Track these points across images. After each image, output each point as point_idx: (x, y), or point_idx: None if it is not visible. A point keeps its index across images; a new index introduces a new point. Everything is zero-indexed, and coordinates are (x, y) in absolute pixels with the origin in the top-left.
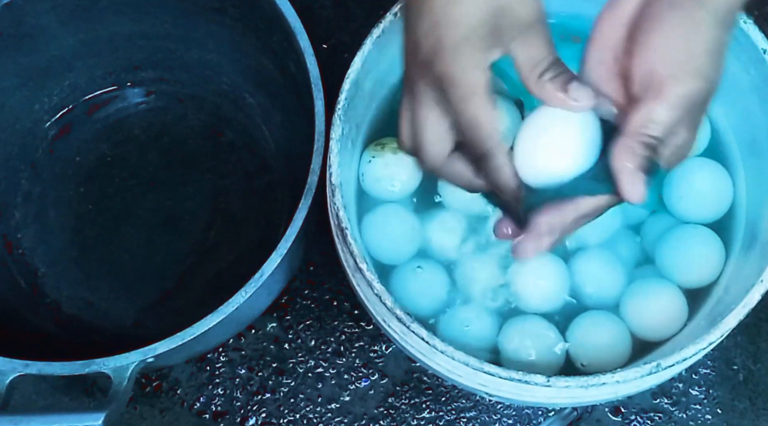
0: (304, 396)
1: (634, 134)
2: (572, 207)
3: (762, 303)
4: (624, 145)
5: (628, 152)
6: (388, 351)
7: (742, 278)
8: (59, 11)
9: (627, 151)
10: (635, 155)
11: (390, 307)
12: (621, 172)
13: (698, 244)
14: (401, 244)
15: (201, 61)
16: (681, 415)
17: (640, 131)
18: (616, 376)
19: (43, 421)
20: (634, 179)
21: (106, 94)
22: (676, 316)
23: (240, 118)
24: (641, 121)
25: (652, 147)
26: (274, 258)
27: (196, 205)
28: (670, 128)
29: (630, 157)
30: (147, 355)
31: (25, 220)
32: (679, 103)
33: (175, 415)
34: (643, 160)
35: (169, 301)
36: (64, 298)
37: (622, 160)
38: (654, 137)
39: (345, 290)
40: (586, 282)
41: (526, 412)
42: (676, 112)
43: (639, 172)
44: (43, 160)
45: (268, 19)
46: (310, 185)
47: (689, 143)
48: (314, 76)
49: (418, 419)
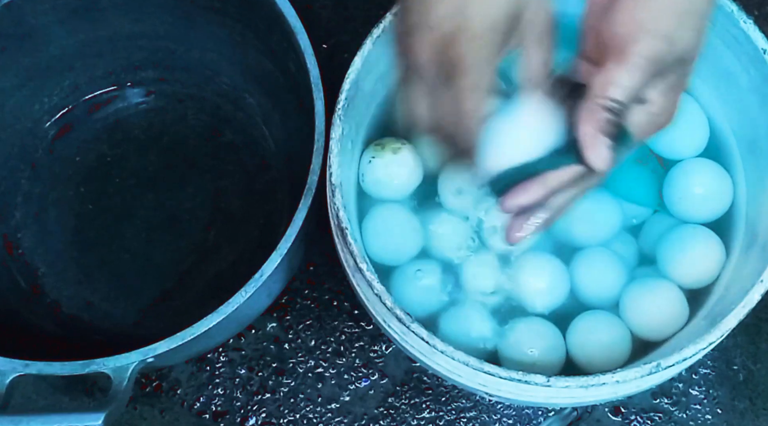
0: (304, 396)
1: (595, 97)
2: (539, 183)
3: (762, 303)
4: (585, 110)
5: (589, 116)
6: (388, 351)
7: (742, 278)
8: (59, 11)
9: (588, 115)
10: (597, 120)
11: (390, 307)
12: (583, 137)
13: (698, 244)
14: (401, 245)
15: (201, 61)
16: (681, 415)
17: (601, 94)
18: (616, 376)
19: (43, 421)
20: (595, 143)
21: (106, 94)
22: (676, 316)
23: (240, 118)
24: (602, 83)
25: (614, 110)
26: (274, 258)
27: (196, 205)
28: (633, 91)
29: (591, 121)
30: (147, 355)
31: (25, 220)
32: (639, 64)
33: (175, 415)
34: (605, 124)
35: (169, 301)
36: (64, 298)
37: (584, 125)
38: (615, 100)
39: (345, 290)
40: (586, 282)
41: (526, 412)
42: (637, 74)
43: (601, 136)
44: (43, 160)
45: (268, 19)
46: (310, 185)
47: (666, 111)
48: (314, 76)
49: (418, 419)
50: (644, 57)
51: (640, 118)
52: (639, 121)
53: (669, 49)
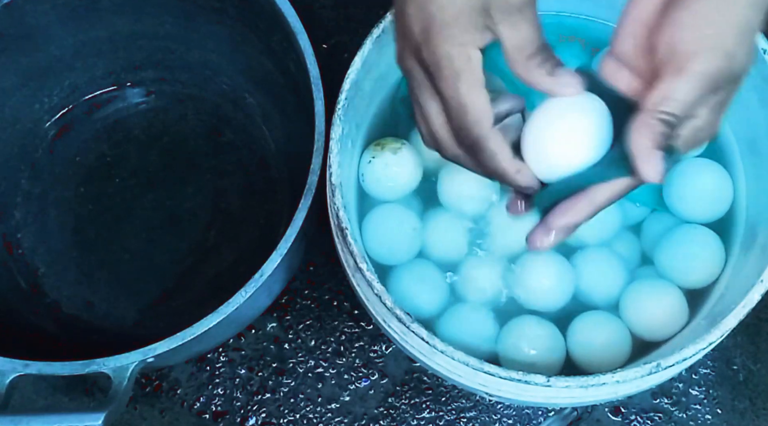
0: (304, 396)
1: (652, 111)
2: (587, 200)
3: (762, 303)
4: (641, 122)
5: (644, 129)
6: (388, 351)
7: (742, 278)
8: (59, 11)
9: (644, 128)
10: (652, 132)
11: (390, 307)
12: (637, 150)
13: (698, 244)
14: (401, 245)
15: (201, 61)
16: (681, 415)
17: (658, 108)
18: (616, 376)
19: (43, 421)
20: (651, 157)
21: (106, 94)
22: (676, 316)
23: (240, 118)
24: (659, 97)
25: (669, 124)
26: (274, 258)
27: (196, 205)
28: (690, 106)
29: (647, 134)
30: (147, 355)
31: (25, 220)
32: (699, 80)
33: (175, 415)
34: (660, 138)
35: (169, 301)
36: (64, 298)
37: (639, 138)
38: (671, 114)
39: (345, 290)
40: (586, 282)
41: (526, 412)
42: (696, 90)
43: (656, 149)
44: (43, 160)
45: (268, 19)
46: (310, 185)
47: (711, 127)
48: (314, 76)
49: (418, 419)
50: (704, 73)
51: (686, 132)
52: (685, 135)
53: (728, 66)
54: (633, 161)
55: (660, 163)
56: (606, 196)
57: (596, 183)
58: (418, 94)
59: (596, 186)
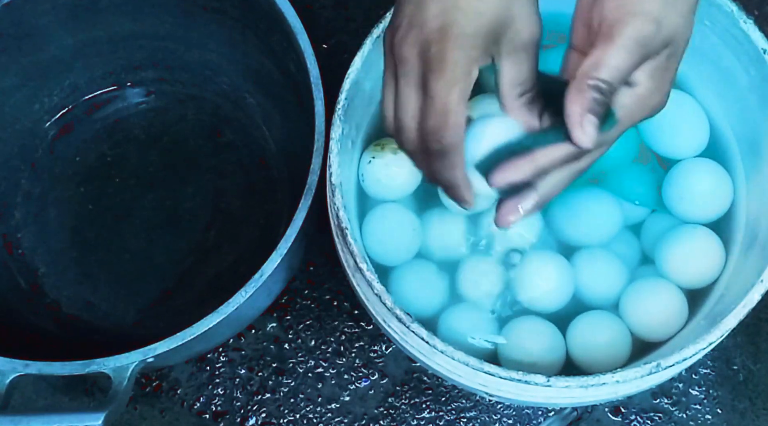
0: (304, 396)
1: (583, 77)
2: (528, 159)
3: (762, 303)
4: (573, 89)
5: (577, 96)
6: (388, 351)
7: (742, 278)
8: (59, 11)
9: (576, 94)
10: (585, 99)
11: (390, 307)
12: (570, 115)
13: (698, 244)
14: (401, 244)
15: (201, 61)
16: (681, 415)
17: (589, 74)
18: (616, 376)
19: (43, 421)
20: (582, 121)
21: (106, 94)
22: (676, 317)
23: (240, 118)
24: (589, 64)
25: (601, 90)
26: (274, 258)
27: (196, 205)
28: (621, 72)
29: (579, 100)
30: (147, 355)
31: (25, 220)
32: (626, 46)
33: (175, 415)
34: (593, 104)
35: (169, 301)
36: (64, 298)
37: (571, 104)
38: (603, 80)
39: (345, 290)
40: (586, 282)
41: (526, 412)
42: (625, 55)
43: (588, 114)
44: (43, 160)
45: (268, 19)
46: (310, 185)
47: (655, 95)
48: (314, 76)
49: (418, 419)
50: (632, 38)
51: (628, 100)
52: (626, 103)
53: (656, 30)
54: (567, 127)
55: (592, 129)
56: (546, 158)
57: (536, 147)
58: (403, 81)
59: (538, 149)
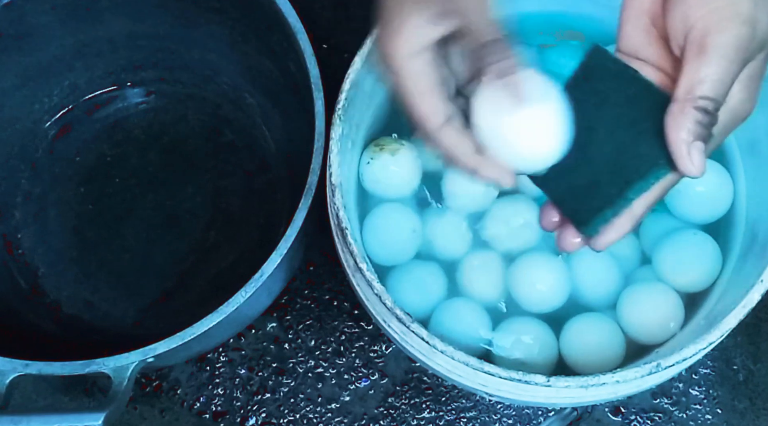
0: (304, 396)
1: (685, 100)
2: (627, 217)
3: (762, 303)
4: (676, 114)
5: (681, 122)
6: (388, 351)
7: (742, 278)
8: (59, 11)
9: (680, 119)
10: (691, 123)
11: (390, 307)
12: (676, 144)
13: (695, 249)
14: (401, 244)
15: (201, 61)
16: (681, 415)
17: (691, 94)
18: (616, 376)
19: (43, 421)
20: (691, 151)
21: (106, 94)
22: (671, 320)
23: (240, 118)
24: (689, 82)
25: (707, 110)
26: (274, 258)
27: (196, 205)
28: (726, 85)
29: (684, 125)
30: (147, 355)
31: (25, 220)
32: (725, 54)
33: (175, 415)
34: (699, 128)
35: (169, 301)
36: (64, 298)
37: (676, 131)
38: (707, 98)
39: (345, 290)
40: (582, 284)
41: (526, 412)
42: (725, 65)
43: (696, 141)
44: (43, 160)
45: (268, 19)
46: (310, 185)
47: (746, 105)
48: (314, 76)
49: (418, 419)
50: (731, 46)
51: (722, 115)
52: (722, 119)
53: (753, 33)
54: (674, 157)
55: (701, 155)
56: (646, 207)
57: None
58: None
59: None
